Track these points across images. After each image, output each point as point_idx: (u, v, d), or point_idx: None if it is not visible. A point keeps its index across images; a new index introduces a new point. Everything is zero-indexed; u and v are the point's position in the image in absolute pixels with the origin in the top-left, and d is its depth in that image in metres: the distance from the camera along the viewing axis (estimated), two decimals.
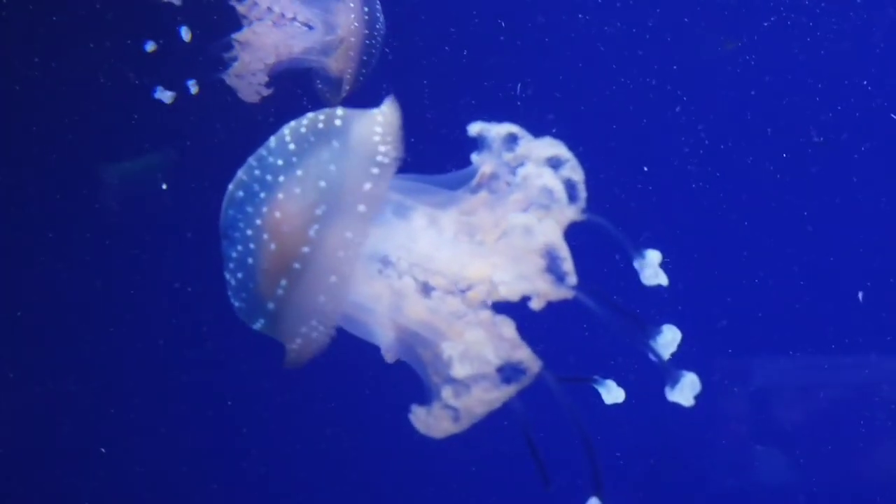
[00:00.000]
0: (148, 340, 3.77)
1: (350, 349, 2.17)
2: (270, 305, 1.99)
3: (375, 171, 2.01)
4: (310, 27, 3.49)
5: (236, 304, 2.03)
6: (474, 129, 2.20)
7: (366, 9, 3.61)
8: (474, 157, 2.22)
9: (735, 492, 3.90)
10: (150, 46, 3.42)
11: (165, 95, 3.37)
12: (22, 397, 3.83)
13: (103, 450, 3.84)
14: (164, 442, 3.88)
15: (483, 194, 2.18)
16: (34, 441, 3.86)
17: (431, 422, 2.10)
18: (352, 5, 3.57)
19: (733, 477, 3.88)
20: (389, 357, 2.16)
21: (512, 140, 2.19)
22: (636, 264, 2.19)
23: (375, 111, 2.07)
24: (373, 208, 2.02)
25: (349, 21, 3.55)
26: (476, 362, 2.06)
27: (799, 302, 3.81)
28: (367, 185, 2.00)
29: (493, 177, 2.20)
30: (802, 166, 3.80)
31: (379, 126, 2.06)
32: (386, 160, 2.03)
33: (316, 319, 2.01)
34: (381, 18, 3.65)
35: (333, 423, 3.83)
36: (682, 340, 3.94)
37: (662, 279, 2.20)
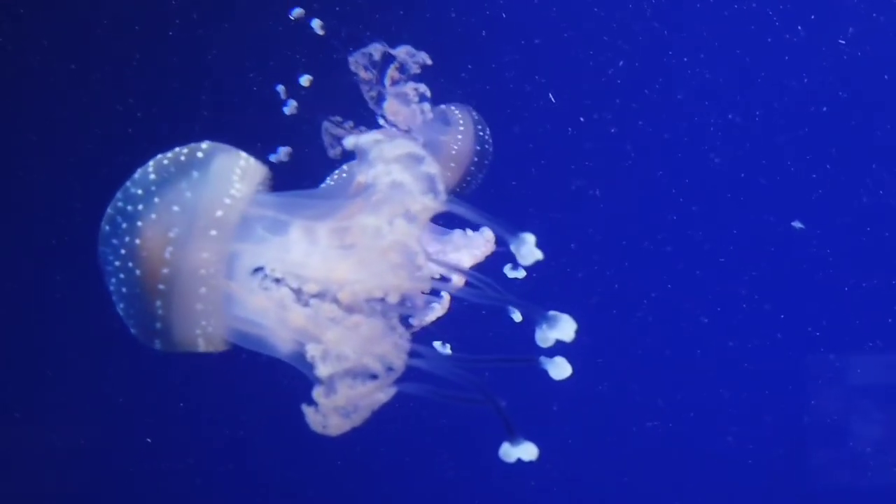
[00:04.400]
0: None
1: None
2: (157, 325, 2.20)
3: (228, 201, 2.18)
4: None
5: (133, 331, 2.26)
6: (349, 142, 2.32)
7: (479, 127, 3.58)
8: (355, 167, 2.34)
9: (831, 490, 3.56)
10: (305, 80, 3.57)
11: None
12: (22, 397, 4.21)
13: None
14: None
15: (358, 201, 2.29)
16: (31, 441, 4.26)
17: (320, 419, 2.22)
18: (461, 128, 3.56)
19: (829, 476, 3.55)
20: None
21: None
22: (512, 246, 2.20)
23: (241, 152, 2.26)
24: (225, 231, 2.19)
25: (462, 137, 3.52)
26: (336, 361, 2.17)
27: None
28: (219, 213, 2.17)
29: (369, 185, 2.30)
30: None
31: (243, 161, 2.24)
32: (239, 194, 2.20)
33: (204, 320, 2.19)
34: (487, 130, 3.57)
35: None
36: (776, 339, 3.71)
37: (531, 259, 2.18)
